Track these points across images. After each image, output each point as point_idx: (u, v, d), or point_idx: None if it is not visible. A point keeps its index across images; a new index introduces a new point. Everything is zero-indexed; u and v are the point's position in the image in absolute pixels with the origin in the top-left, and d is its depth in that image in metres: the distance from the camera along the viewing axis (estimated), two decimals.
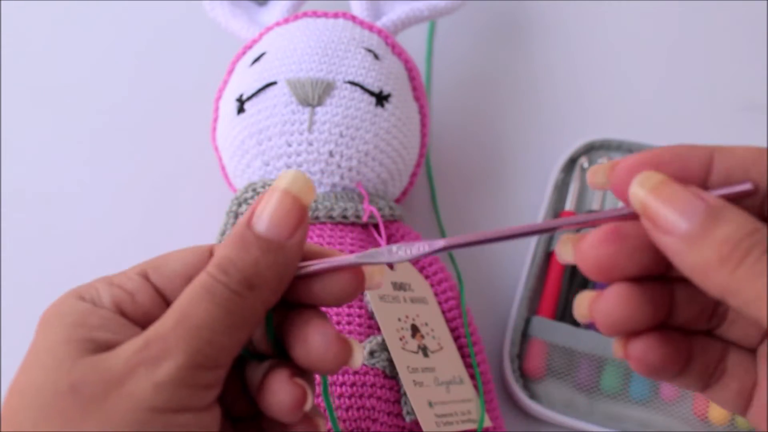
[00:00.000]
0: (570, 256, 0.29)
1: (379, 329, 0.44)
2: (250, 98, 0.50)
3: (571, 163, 0.59)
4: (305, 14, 0.54)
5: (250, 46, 0.54)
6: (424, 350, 0.44)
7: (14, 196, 0.59)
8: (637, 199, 0.28)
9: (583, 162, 0.59)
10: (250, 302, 0.28)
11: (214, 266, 0.28)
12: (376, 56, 0.52)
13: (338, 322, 0.44)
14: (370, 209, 0.48)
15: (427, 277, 0.48)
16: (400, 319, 0.44)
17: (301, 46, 0.51)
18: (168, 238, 0.56)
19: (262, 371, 0.30)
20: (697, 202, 0.27)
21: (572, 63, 0.65)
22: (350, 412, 0.42)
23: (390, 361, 0.43)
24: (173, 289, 0.29)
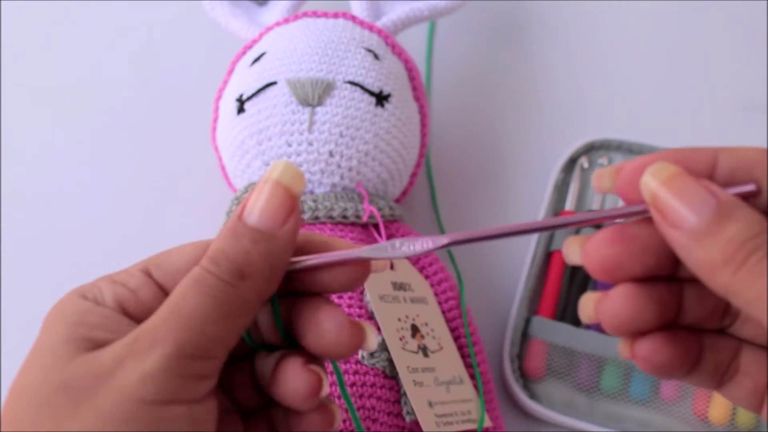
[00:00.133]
0: (577, 257, 0.29)
1: (379, 329, 0.44)
2: (250, 98, 0.50)
3: (571, 163, 0.59)
4: (305, 14, 0.54)
5: (250, 46, 0.54)
6: (424, 350, 0.44)
7: (14, 196, 0.59)
8: (648, 190, 0.27)
9: (583, 162, 0.59)
10: (242, 292, 0.28)
11: (206, 259, 0.28)
12: (376, 56, 0.52)
13: None
14: (370, 209, 0.48)
15: (427, 277, 0.48)
16: (400, 319, 0.44)
17: (301, 46, 0.51)
18: (168, 238, 0.55)
19: (273, 361, 0.30)
20: (709, 197, 0.26)
21: (572, 63, 0.65)
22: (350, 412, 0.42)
23: (390, 361, 0.43)
24: (175, 284, 0.29)
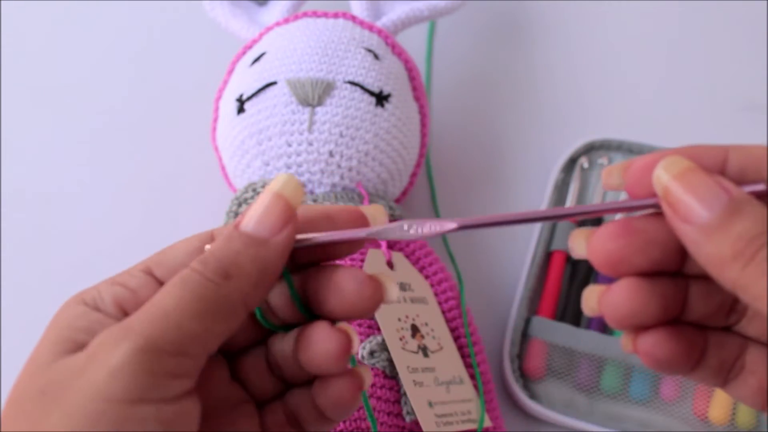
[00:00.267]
0: (583, 250, 0.29)
1: (379, 329, 0.44)
2: (250, 98, 0.50)
3: (571, 163, 0.59)
4: (305, 14, 0.54)
5: (250, 46, 0.54)
6: (424, 350, 0.44)
7: (14, 196, 0.59)
8: (660, 184, 0.27)
9: (583, 162, 0.59)
10: (225, 291, 0.27)
11: (195, 260, 0.28)
12: (376, 56, 0.52)
13: None
14: None
15: (427, 277, 0.48)
16: (400, 319, 0.44)
17: (301, 46, 0.51)
18: (168, 238, 0.54)
19: (292, 337, 0.30)
20: (720, 192, 0.26)
21: (572, 63, 0.65)
22: None
23: (390, 361, 0.43)
24: None
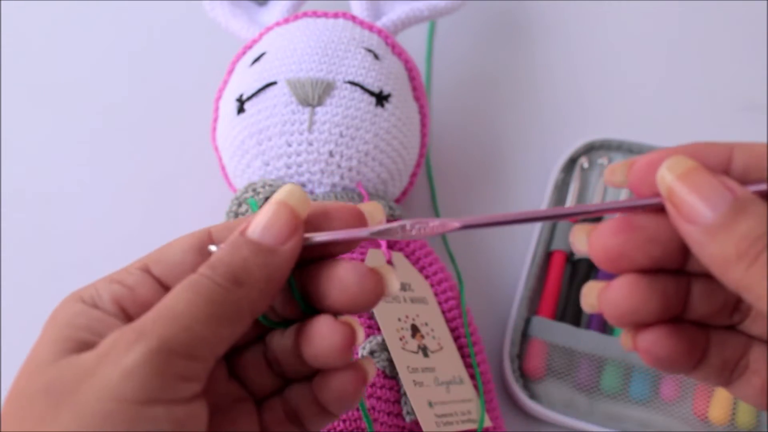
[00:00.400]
0: (584, 245, 0.29)
1: (379, 329, 0.44)
2: (250, 98, 0.50)
3: (571, 163, 0.59)
4: (305, 14, 0.54)
5: (250, 46, 0.54)
6: (424, 350, 0.44)
7: (14, 196, 0.59)
8: (664, 183, 0.27)
9: (583, 162, 0.59)
10: (235, 297, 0.27)
11: (204, 265, 0.28)
12: (376, 56, 0.52)
13: None
14: None
15: (427, 277, 0.48)
16: (400, 319, 0.44)
17: (301, 46, 0.51)
18: (168, 238, 0.54)
19: (292, 333, 0.30)
20: (725, 192, 0.26)
21: (572, 63, 0.65)
22: (350, 412, 0.42)
23: (390, 361, 0.43)
24: (175, 277, 0.29)
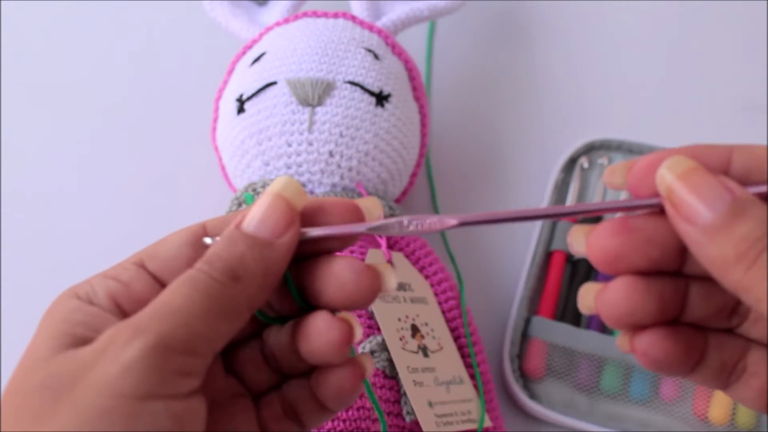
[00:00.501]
0: (582, 246, 0.29)
1: (379, 329, 0.44)
2: (250, 98, 0.50)
3: (571, 163, 0.59)
4: (305, 14, 0.54)
5: (250, 46, 0.54)
6: (424, 350, 0.44)
7: (14, 196, 0.59)
8: (664, 183, 0.27)
9: (583, 162, 0.59)
10: (232, 292, 0.27)
11: (201, 261, 0.28)
12: (376, 56, 0.52)
13: None
14: None
15: (427, 277, 0.48)
16: (400, 319, 0.44)
17: (301, 46, 0.51)
18: None
19: (289, 329, 0.30)
20: (724, 193, 0.26)
21: (572, 63, 0.65)
22: (350, 412, 0.42)
23: (390, 361, 0.43)
24: (171, 272, 0.29)
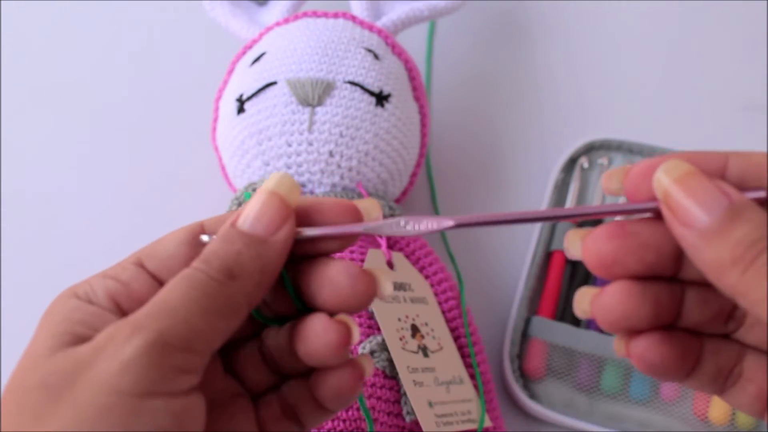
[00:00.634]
0: (577, 250, 0.29)
1: (379, 329, 0.44)
2: (250, 98, 0.50)
3: (571, 163, 0.59)
4: (305, 14, 0.54)
5: (250, 46, 0.54)
6: (424, 350, 0.44)
7: (14, 196, 0.59)
8: (661, 187, 0.27)
9: (583, 162, 0.59)
10: (230, 290, 0.27)
11: (197, 260, 0.28)
12: (376, 56, 0.52)
13: None
14: None
15: (427, 277, 0.48)
16: (400, 319, 0.44)
17: (301, 46, 0.51)
18: None
19: (287, 331, 0.30)
20: (721, 197, 0.26)
21: (572, 63, 0.65)
22: (350, 412, 0.42)
23: (390, 361, 0.43)
24: (169, 271, 0.29)
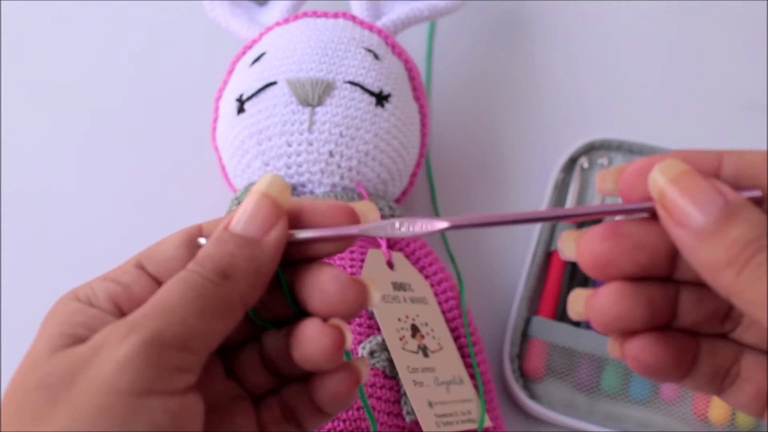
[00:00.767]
0: (572, 251, 0.29)
1: (379, 329, 0.44)
2: (250, 98, 0.50)
3: (571, 163, 0.59)
4: (305, 14, 0.54)
5: (250, 46, 0.54)
6: (424, 350, 0.44)
7: (14, 195, 0.59)
8: (656, 187, 0.27)
9: (583, 162, 0.59)
10: (225, 291, 0.28)
11: (192, 262, 0.28)
12: (376, 56, 0.52)
13: None
14: None
15: (427, 277, 0.48)
16: (400, 319, 0.44)
17: (301, 46, 0.51)
18: None
19: (285, 333, 0.30)
20: (716, 196, 0.26)
21: (572, 63, 0.65)
22: (350, 412, 0.42)
23: (390, 361, 0.43)
24: (169, 273, 0.29)
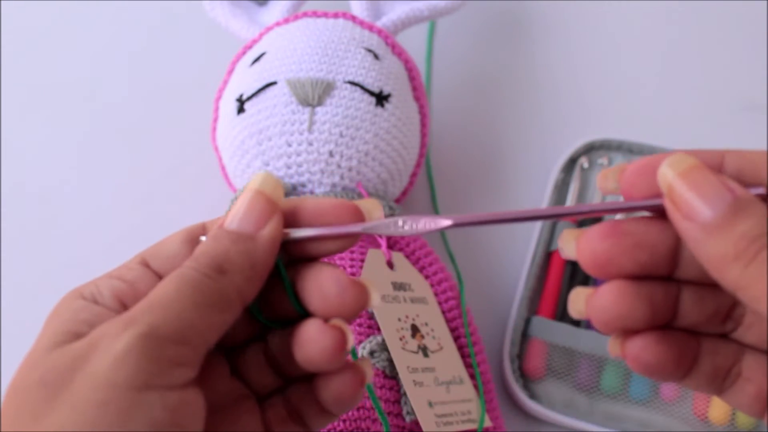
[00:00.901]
0: (572, 250, 0.29)
1: (379, 329, 0.44)
2: (250, 98, 0.50)
3: (571, 163, 0.59)
4: (305, 14, 0.54)
5: (250, 46, 0.54)
6: (424, 350, 0.44)
7: (14, 194, 0.59)
8: (665, 181, 0.27)
9: (583, 162, 0.59)
10: (220, 285, 0.28)
11: (189, 259, 0.28)
12: (376, 56, 0.52)
13: None
14: None
15: (427, 277, 0.48)
16: (400, 319, 0.44)
17: (301, 46, 0.51)
18: None
19: (289, 332, 0.30)
20: (725, 191, 0.26)
21: (572, 63, 0.65)
22: (350, 412, 0.42)
23: (390, 361, 0.43)
24: (172, 270, 0.29)
